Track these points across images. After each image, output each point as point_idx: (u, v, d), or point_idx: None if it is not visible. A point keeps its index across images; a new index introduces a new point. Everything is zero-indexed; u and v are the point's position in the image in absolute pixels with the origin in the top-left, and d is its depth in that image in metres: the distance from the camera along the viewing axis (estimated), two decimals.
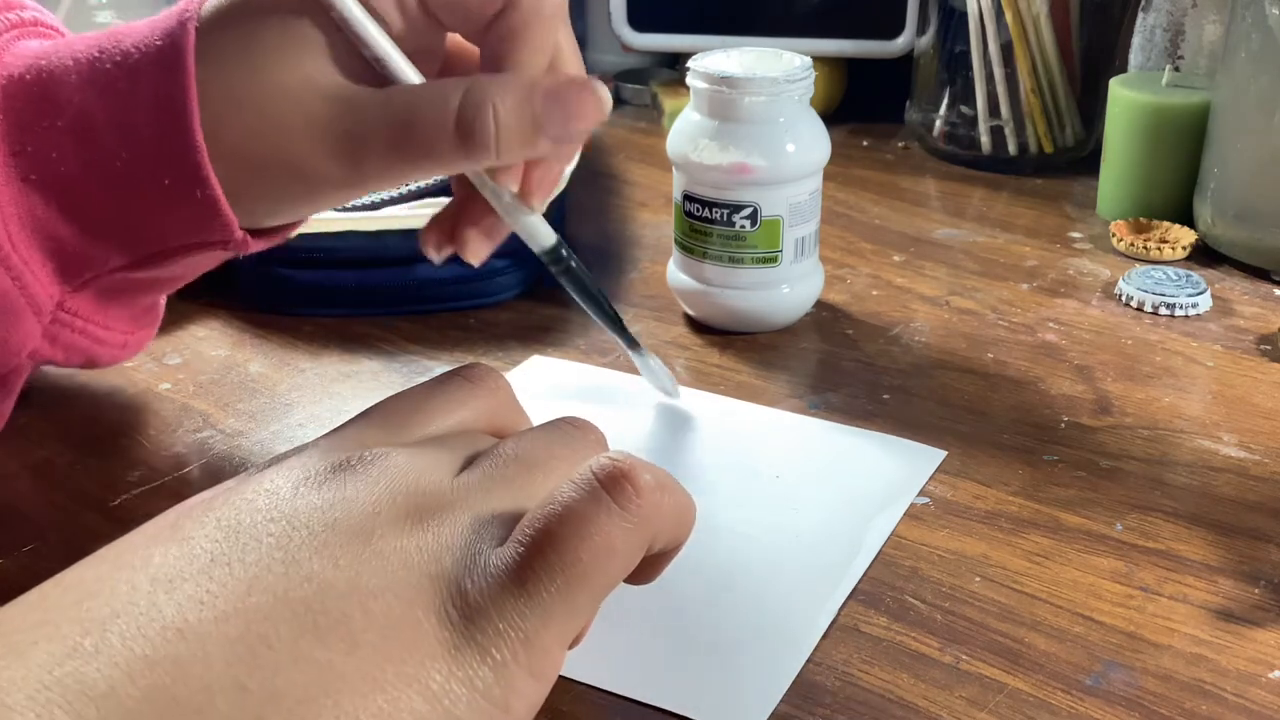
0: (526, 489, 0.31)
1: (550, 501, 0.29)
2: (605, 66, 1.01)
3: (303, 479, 0.30)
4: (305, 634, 0.25)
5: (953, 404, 0.52)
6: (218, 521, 0.28)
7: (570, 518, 0.29)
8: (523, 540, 0.28)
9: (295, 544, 0.27)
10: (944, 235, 0.70)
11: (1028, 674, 0.36)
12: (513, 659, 0.27)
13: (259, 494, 0.29)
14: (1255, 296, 0.62)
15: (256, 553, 0.27)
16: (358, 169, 0.37)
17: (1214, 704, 0.35)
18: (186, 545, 0.27)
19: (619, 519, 0.29)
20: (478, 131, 0.36)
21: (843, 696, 0.35)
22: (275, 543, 0.27)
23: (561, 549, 0.28)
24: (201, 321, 0.60)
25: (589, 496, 0.29)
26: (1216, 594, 0.40)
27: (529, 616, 0.27)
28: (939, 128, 0.82)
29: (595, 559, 0.28)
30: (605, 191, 0.78)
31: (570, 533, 0.28)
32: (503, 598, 0.27)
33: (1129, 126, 0.69)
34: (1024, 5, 0.76)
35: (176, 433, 0.50)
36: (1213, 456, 0.47)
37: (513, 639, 0.27)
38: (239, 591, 0.26)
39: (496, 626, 0.27)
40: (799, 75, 0.54)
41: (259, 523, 0.28)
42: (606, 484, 0.29)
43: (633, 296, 0.62)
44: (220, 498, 0.29)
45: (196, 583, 0.26)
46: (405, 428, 0.33)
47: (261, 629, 0.25)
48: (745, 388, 0.53)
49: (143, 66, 0.37)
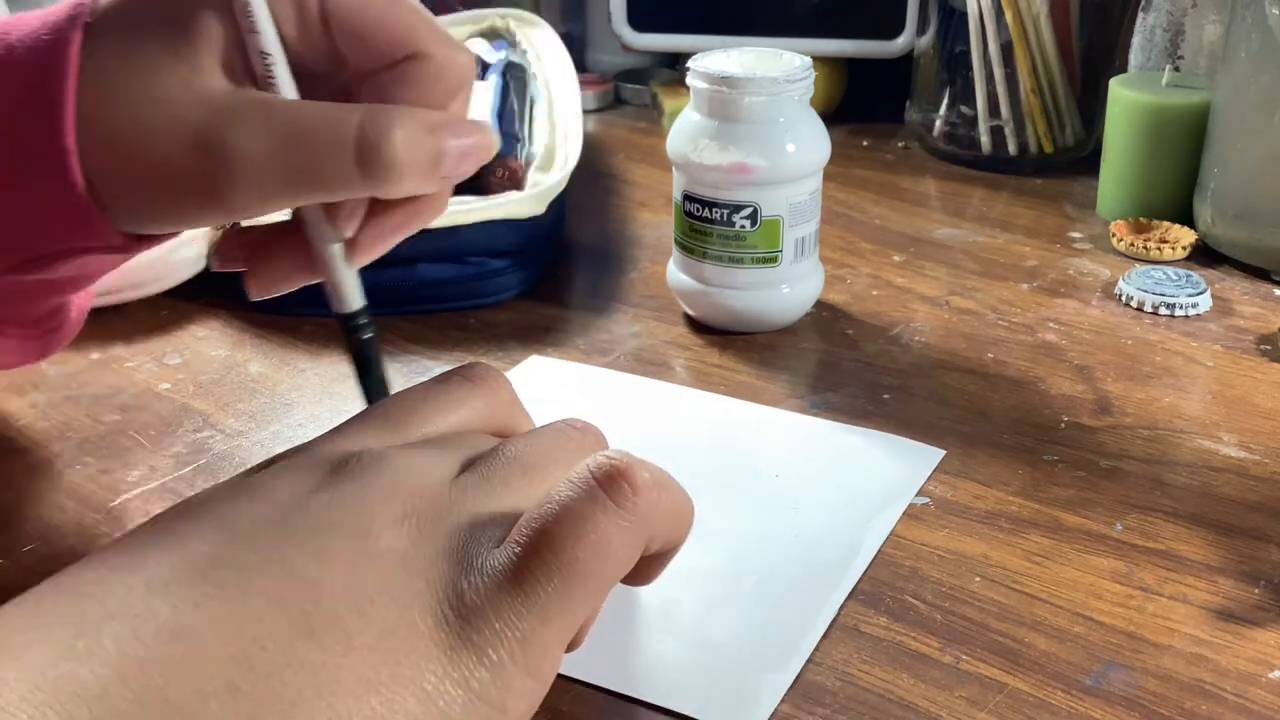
0: (525, 490, 0.31)
1: (547, 501, 0.29)
2: (605, 66, 1.01)
3: (300, 480, 0.29)
4: (300, 636, 0.25)
5: (953, 404, 0.52)
6: (214, 523, 0.28)
7: (567, 516, 0.29)
8: (519, 540, 0.28)
9: (291, 547, 0.27)
10: (944, 235, 0.70)
11: (1028, 674, 0.36)
12: (510, 659, 0.27)
13: (255, 496, 0.29)
14: (1255, 296, 0.62)
15: (252, 555, 0.27)
16: (228, 181, 0.34)
17: (1214, 704, 0.35)
18: (183, 547, 0.27)
19: (616, 517, 0.29)
20: (381, 154, 0.33)
21: (843, 696, 0.35)
22: (271, 545, 0.27)
23: (558, 548, 0.28)
24: (201, 321, 0.60)
25: (586, 495, 0.29)
26: (1216, 594, 0.40)
27: (526, 616, 0.27)
28: (939, 128, 0.82)
29: (592, 558, 0.28)
30: (605, 191, 0.78)
31: (567, 531, 0.28)
32: (499, 598, 0.27)
33: (1129, 126, 0.69)
34: (1024, 5, 0.76)
35: (176, 433, 0.50)
36: (1213, 456, 0.47)
37: (510, 639, 0.27)
38: (234, 594, 0.26)
39: (493, 627, 0.27)
40: (799, 75, 0.54)
41: (256, 525, 0.28)
42: (603, 482, 0.29)
43: (633, 296, 0.62)
44: (217, 499, 0.29)
45: (191, 584, 0.26)
46: (404, 427, 0.33)
47: (255, 631, 0.25)
48: (745, 388, 0.53)
49: (25, 62, 0.35)
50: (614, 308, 0.61)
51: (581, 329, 0.59)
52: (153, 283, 0.60)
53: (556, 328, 0.59)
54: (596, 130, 0.92)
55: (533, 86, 0.77)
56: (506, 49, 0.81)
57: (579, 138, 0.69)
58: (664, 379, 0.54)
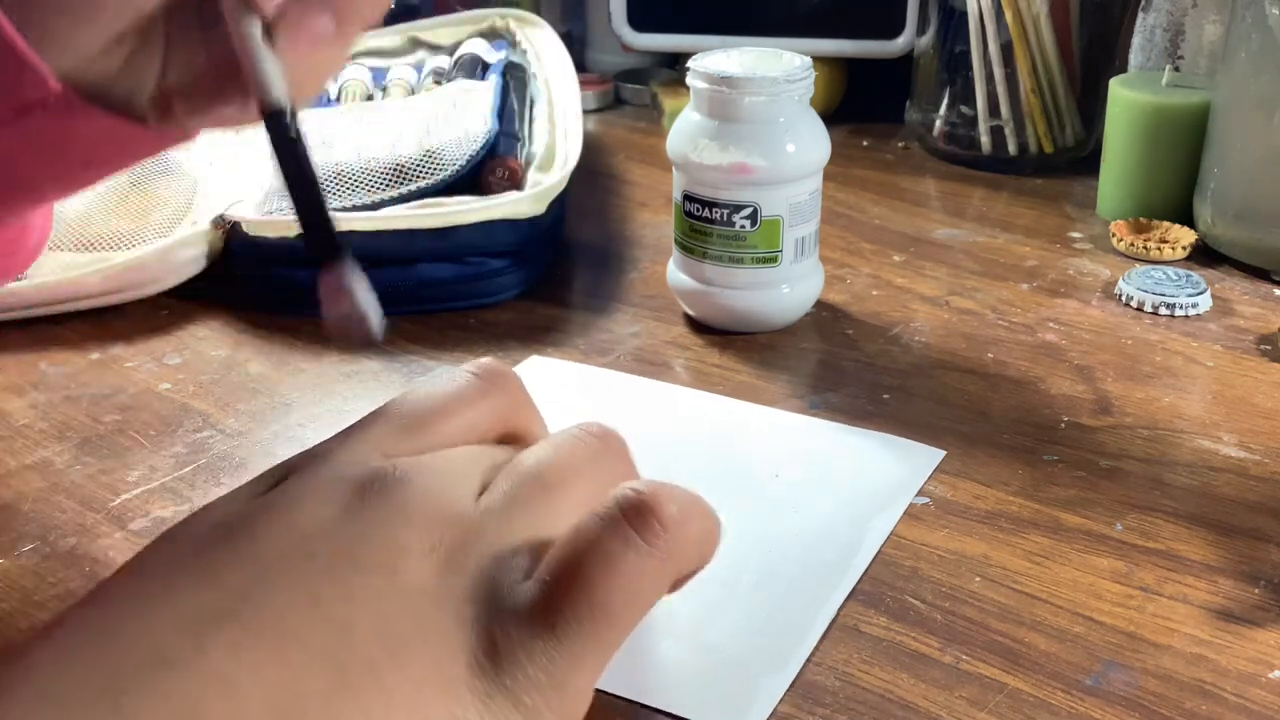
0: (547, 513, 0.31)
1: (575, 538, 0.29)
2: (605, 66, 1.01)
3: (323, 505, 0.29)
4: (337, 690, 0.25)
5: (953, 404, 0.52)
6: (241, 554, 0.27)
7: (597, 558, 0.28)
8: (549, 580, 0.28)
9: (321, 582, 0.27)
10: (944, 235, 0.70)
11: (1028, 674, 0.36)
12: (545, 705, 0.27)
13: (278, 520, 0.28)
14: (1255, 296, 0.62)
15: (282, 592, 0.26)
16: None
17: (1214, 704, 0.35)
18: (213, 581, 0.26)
19: (646, 557, 0.29)
20: None
21: (843, 696, 0.35)
22: (300, 581, 0.27)
23: (591, 591, 0.28)
24: (201, 321, 0.60)
25: (615, 534, 0.29)
26: (1216, 594, 0.40)
27: (558, 661, 0.27)
28: (939, 128, 0.82)
29: (624, 600, 0.28)
30: (605, 191, 0.78)
31: (598, 574, 0.28)
32: (532, 643, 0.27)
33: (1129, 126, 0.69)
34: (1024, 5, 0.76)
35: (176, 433, 0.50)
36: (1213, 456, 0.47)
37: (544, 684, 0.27)
38: (270, 640, 0.25)
39: (526, 672, 0.27)
40: (799, 75, 0.54)
41: (284, 557, 0.27)
42: (632, 520, 0.29)
43: (633, 296, 0.62)
44: (240, 523, 0.28)
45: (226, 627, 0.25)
46: (422, 430, 0.32)
47: (295, 686, 0.25)
48: (745, 388, 0.53)
49: None
50: (614, 308, 0.61)
51: (581, 329, 0.59)
52: (153, 283, 0.60)
53: (556, 328, 0.59)
54: (596, 130, 0.92)
55: (533, 86, 0.77)
56: (506, 49, 0.81)
57: (579, 138, 0.69)
58: (664, 379, 0.54)
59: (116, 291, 0.60)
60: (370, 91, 0.78)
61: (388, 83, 0.79)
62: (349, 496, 0.29)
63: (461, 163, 0.63)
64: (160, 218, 0.65)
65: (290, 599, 0.26)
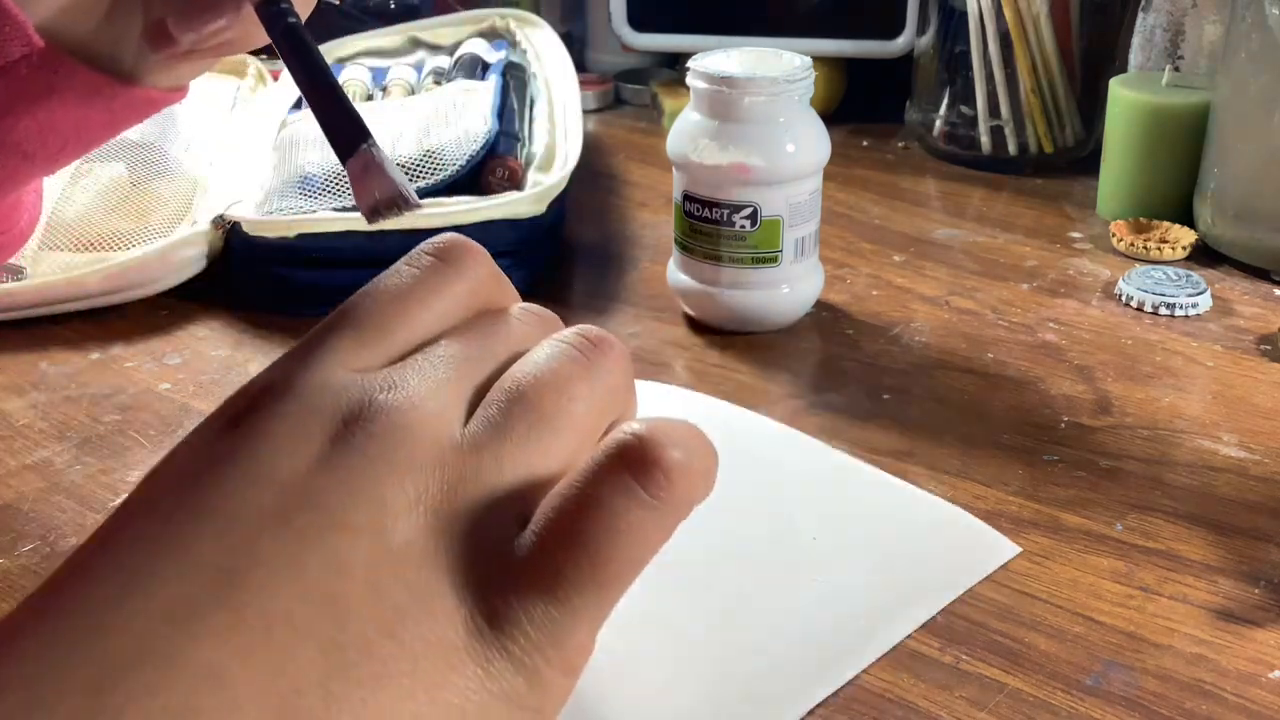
0: (540, 446, 0.28)
1: (573, 490, 0.27)
2: (605, 66, 1.01)
3: (297, 451, 0.27)
4: (334, 674, 0.24)
5: (953, 404, 0.52)
6: (214, 516, 0.25)
7: (598, 515, 0.26)
8: (548, 537, 0.27)
9: (304, 550, 0.25)
10: (944, 235, 0.70)
11: (1028, 674, 0.36)
12: (545, 664, 0.26)
13: (249, 473, 0.26)
14: (1255, 296, 0.62)
15: (264, 565, 0.25)
16: None
17: (1214, 704, 0.35)
18: (188, 556, 0.25)
19: (650, 510, 0.27)
20: None
21: (843, 696, 0.35)
22: (282, 549, 0.25)
23: (592, 550, 0.26)
24: (201, 321, 0.60)
25: (616, 487, 0.27)
26: (1216, 594, 0.40)
27: (559, 621, 0.26)
28: (939, 128, 0.82)
29: (627, 557, 0.27)
30: (605, 191, 0.78)
31: (600, 532, 0.26)
32: (532, 606, 0.26)
33: (1129, 126, 0.69)
34: (1024, 5, 0.76)
35: (176, 433, 0.50)
36: (1213, 456, 0.47)
37: (544, 644, 0.26)
38: (257, 623, 0.24)
39: (526, 633, 0.26)
40: (799, 75, 0.54)
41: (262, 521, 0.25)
42: (634, 470, 0.27)
43: (633, 296, 0.62)
44: (208, 476, 0.26)
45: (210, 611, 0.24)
46: (386, 335, 0.30)
47: (288, 673, 0.24)
48: (745, 388, 0.53)
49: None
50: (614, 308, 0.61)
51: None
52: (153, 283, 0.60)
53: None
54: (596, 130, 0.92)
55: (533, 86, 0.77)
56: (506, 49, 0.81)
57: (579, 138, 0.69)
58: (664, 379, 0.54)
59: (116, 291, 0.60)
60: (370, 91, 0.78)
61: (387, 83, 0.79)
62: (322, 440, 0.27)
63: (461, 163, 0.63)
64: (160, 218, 0.65)
65: (274, 572, 0.25)
